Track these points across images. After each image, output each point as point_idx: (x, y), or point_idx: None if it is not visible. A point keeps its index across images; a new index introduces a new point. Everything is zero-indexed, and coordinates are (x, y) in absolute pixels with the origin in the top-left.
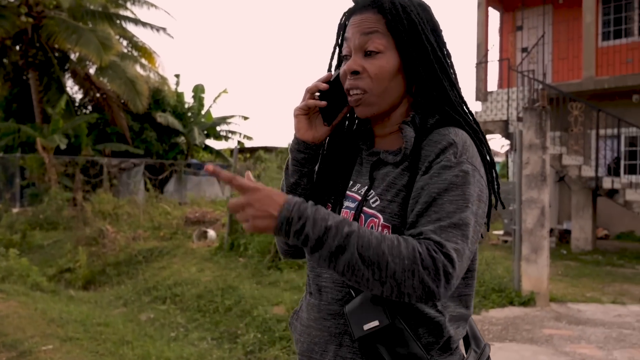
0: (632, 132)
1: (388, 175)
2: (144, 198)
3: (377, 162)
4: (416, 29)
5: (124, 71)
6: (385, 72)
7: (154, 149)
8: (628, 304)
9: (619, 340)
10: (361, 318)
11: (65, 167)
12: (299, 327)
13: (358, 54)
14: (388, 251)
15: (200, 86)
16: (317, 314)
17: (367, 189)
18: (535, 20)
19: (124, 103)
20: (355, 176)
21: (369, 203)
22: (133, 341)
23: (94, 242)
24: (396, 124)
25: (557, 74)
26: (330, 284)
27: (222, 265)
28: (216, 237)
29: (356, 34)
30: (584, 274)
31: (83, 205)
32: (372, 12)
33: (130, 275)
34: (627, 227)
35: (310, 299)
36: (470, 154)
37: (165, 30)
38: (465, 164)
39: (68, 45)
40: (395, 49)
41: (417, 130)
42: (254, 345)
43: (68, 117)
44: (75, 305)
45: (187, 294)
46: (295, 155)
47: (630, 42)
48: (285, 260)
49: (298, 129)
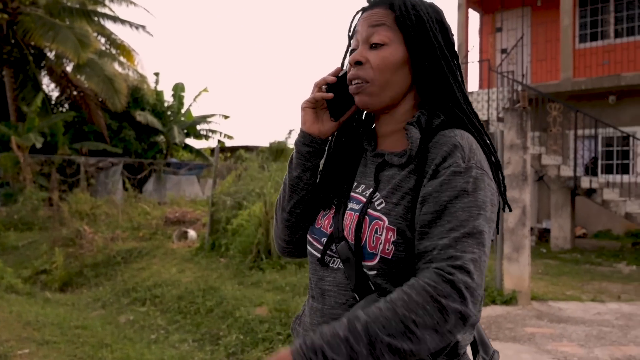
0: (609, 132)
1: (394, 178)
2: (122, 198)
3: (382, 164)
4: (424, 25)
5: (102, 69)
6: (388, 64)
7: (133, 148)
8: (607, 301)
9: (599, 338)
10: None
11: (41, 166)
12: (301, 332)
13: (364, 45)
14: (408, 312)
15: (180, 85)
16: (320, 319)
17: (373, 191)
18: (514, 22)
19: (102, 101)
20: (359, 177)
21: (374, 205)
22: (112, 344)
23: (71, 243)
24: (399, 123)
25: (535, 75)
26: (334, 287)
27: (203, 266)
28: (197, 237)
29: (364, 27)
30: (564, 272)
31: (59, 205)
32: (382, 8)
33: (108, 277)
34: (604, 225)
35: (313, 303)
36: (478, 157)
37: (145, 28)
38: (475, 169)
39: (45, 42)
40: (402, 43)
41: (422, 131)
42: (236, 346)
43: (44, 115)
44: (51, 307)
45: (168, 295)
46: (300, 149)
47: (607, 45)
48: (268, 261)
49: (304, 122)
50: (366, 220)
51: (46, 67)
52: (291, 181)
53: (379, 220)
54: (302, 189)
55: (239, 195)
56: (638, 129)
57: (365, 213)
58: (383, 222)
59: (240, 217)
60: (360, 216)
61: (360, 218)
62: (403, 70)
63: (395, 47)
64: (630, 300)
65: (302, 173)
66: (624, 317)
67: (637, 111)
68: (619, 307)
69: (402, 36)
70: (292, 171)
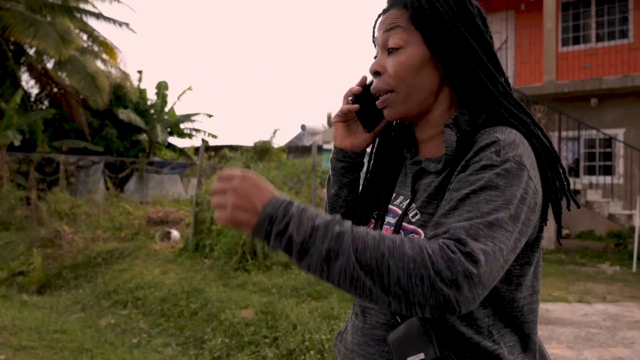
0: (591, 134)
1: (430, 186)
2: (103, 197)
3: (420, 172)
4: (441, 17)
5: (84, 66)
6: (407, 68)
7: (115, 147)
8: (593, 302)
9: (587, 340)
10: (405, 349)
11: (19, 164)
12: (342, 350)
13: (382, 52)
14: (389, 253)
15: (164, 83)
16: (361, 338)
17: (409, 202)
18: (498, 25)
19: (84, 99)
20: (398, 188)
21: (409, 218)
22: (92, 349)
23: (50, 243)
24: (437, 126)
25: (519, 77)
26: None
27: (186, 267)
28: (180, 238)
29: (380, 32)
30: (549, 273)
31: (38, 204)
32: (397, 8)
33: (88, 279)
34: (587, 226)
35: (355, 320)
36: (519, 152)
37: (128, 25)
38: (511, 162)
39: (25, 38)
40: (422, 42)
41: (461, 132)
42: (221, 350)
43: (23, 112)
44: (29, 311)
45: (150, 297)
46: (335, 165)
47: (589, 48)
48: (253, 262)
49: (335, 137)
50: (400, 234)
51: (26, 64)
52: (329, 199)
53: (415, 234)
54: (341, 206)
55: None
56: (620, 131)
57: (400, 227)
58: (419, 236)
59: None
60: (394, 231)
61: (395, 233)
62: (427, 71)
63: (413, 48)
64: (616, 301)
65: (339, 190)
66: (611, 318)
67: (618, 113)
68: (605, 308)
69: (420, 35)
70: (330, 189)
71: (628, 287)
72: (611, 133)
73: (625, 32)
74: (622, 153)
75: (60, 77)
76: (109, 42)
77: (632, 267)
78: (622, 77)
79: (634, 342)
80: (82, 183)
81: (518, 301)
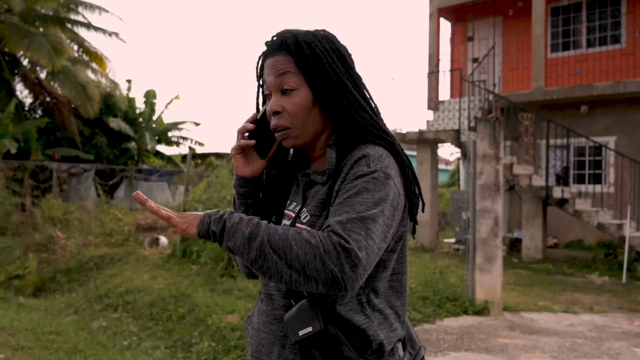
0: (581, 142)
1: (317, 194)
2: (94, 204)
3: (309, 183)
4: (321, 62)
5: (75, 76)
6: (302, 107)
7: (105, 154)
8: (579, 312)
9: (572, 350)
10: (297, 324)
11: (14, 171)
12: (250, 331)
13: (277, 94)
14: (292, 237)
15: (152, 91)
16: (265, 319)
17: (301, 207)
18: (485, 31)
19: (75, 108)
20: (292, 196)
21: (301, 219)
22: (85, 350)
23: (44, 248)
24: (323, 147)
25: (507, 84)
26: (276, 292)
27: (174, 273)
28: (168, 244)
29: (271, 77)
30: (536, 282)
31: (32, 210)
32: (282, 54)
33: (81, 283)
34: (576, 235)
35: (261, 305)
36: (385, 164)
37: (118, 35)
38: (378, 172)
39: (20, 49)
40: (306, 84)
41: (339, 151)
42: (208, 354)
43: (17, 121)
44: (25, 313)
45: (140, 301)
46: (239, 190)
47: (579, 54)
48: (239, 268)
49: (236, 167)
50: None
51: (20, 74)
52: None
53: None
54: None
55: (211, 202)
56: (610, 139)
57: (294, 226)
58: None
59: None
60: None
61: None
62: (315, 108)
63: (304, 90)
64: (603, 312)
65: (245, 210)
66: (597, 329)
67: (609, 121)
68: (591, 319)
69: (304, 78)
70: (237, 210)
71: (617, 297)
72: (602, 141)
73: (617, 37)
74: (612, 161)
75: (52, 87)
76: (99, 52)
77: (621, 277)
78: (613, 84)
79: (620, 353)
80: (74, 190)
81: (383, 280)
